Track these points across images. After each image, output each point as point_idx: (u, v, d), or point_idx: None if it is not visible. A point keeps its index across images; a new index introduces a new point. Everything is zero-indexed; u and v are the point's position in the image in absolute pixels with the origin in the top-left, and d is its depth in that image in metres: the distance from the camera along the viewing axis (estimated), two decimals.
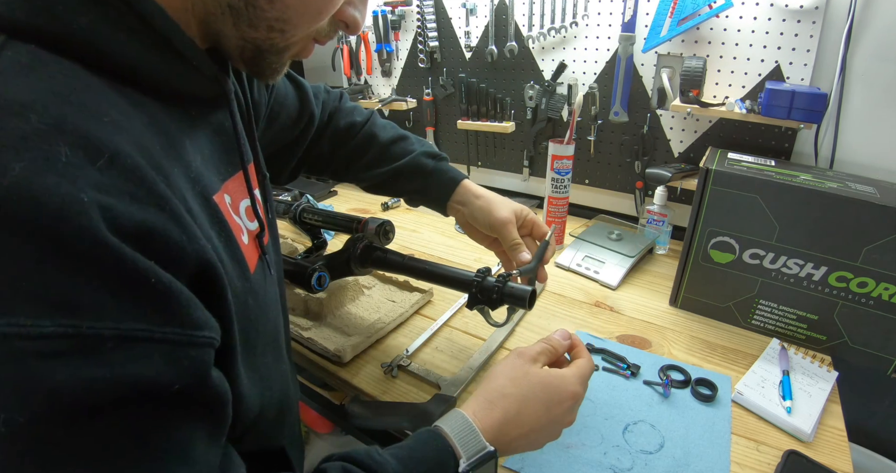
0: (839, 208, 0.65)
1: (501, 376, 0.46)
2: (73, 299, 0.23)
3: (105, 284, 0.24)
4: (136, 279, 0.25)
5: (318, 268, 0.70)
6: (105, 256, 0.24)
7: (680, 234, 0.95)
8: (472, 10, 1.17)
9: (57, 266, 0.23)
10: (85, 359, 0.23)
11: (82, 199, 0.23)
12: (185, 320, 0.28)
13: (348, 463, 0.37)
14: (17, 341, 0.22)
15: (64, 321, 0.23)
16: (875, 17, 0.79)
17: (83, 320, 0.23)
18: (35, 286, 0.22)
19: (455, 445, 0.40)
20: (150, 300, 0.26)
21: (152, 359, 0.26)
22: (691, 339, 0.77)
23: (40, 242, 0.22)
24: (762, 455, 0.57)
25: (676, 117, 1.02)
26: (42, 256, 0.23)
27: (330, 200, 1.39)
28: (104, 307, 0.24)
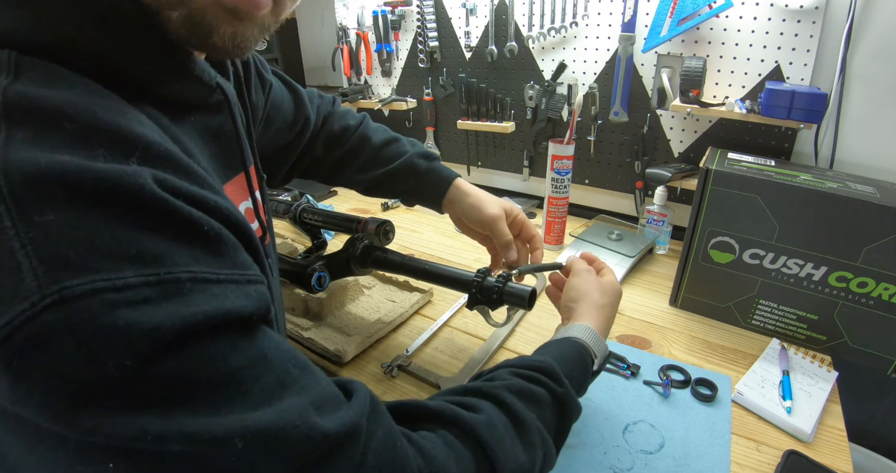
0: (839, 208, 0.65)
1: (594, 289, 0.58)
2: (146, 250, 0.25)
3: (169, 234, 0.27)
4: (194, 229, 0.28)
5: (318, 268, 0.70)
6: (165, 209, 0.27)
7: (680, 234, 0.95)
8: (472, 10, 1.17)
9: (125, 224, 0.25)
10: (171, 301, 0.25)
11: (133, 169, 0.26)
12: (236, 262, 0.30)
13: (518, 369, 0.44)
14: (107, 293, 0.23)
15: (143, 271, 0.25)
16: (875, 17, 0.79)
17: (159, 267, 0.25)
18: (110, 245, 0.24)
19: (591, 347, 0.51)
20: (207, 246, 0.28)
21: (228, 295, 0.28)
22: (691, 339, 0.77)
23: (107, 205, 0.25)
24: (762, 455, 0.57)
25: (676, 117, 1.02)
26: (110, 217, 0.25)
27: (330, 200, 1.39)
28: (173, 255, 0.26)
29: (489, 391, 0.40)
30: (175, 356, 0.25)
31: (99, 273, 0.24)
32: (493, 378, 0.43)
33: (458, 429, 0.36)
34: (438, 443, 0.35)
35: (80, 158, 0.25)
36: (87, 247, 0.24)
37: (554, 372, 0.44)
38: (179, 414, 0.24)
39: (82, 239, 0.24)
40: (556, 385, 0.44)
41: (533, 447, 0.39)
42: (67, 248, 0.23)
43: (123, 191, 0.25)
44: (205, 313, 0.26)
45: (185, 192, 0.28)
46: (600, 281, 0.59)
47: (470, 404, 0.39)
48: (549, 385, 0.43)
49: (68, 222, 0.24)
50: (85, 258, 0.24)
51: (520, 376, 0.43)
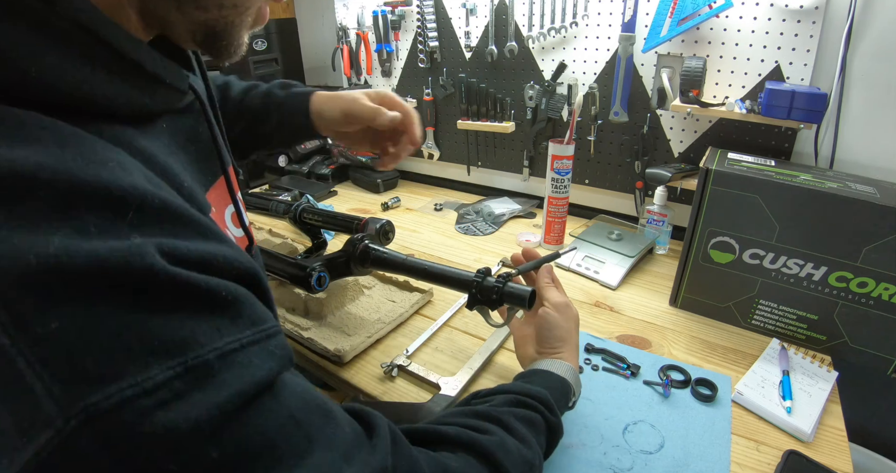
0: (839, 208, 0.65)
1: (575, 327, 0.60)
2: (168, 338, 0.24)
3: (189, 311, 0.25)
4: (212, 299, 0.26)
5: (318, 268, 0.70)
6: (180, 286, 0.25)
7: (680, 234, 0.95)
8: (472, 10, 1.17)
9: (140, 313, 0.23)
10: (203, 389, 0.24)
11: (135, 245, 0.23)
12: (254, 318, 0.29)
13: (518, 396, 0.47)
14: (138, 401, 0.22)
15: (169, 362, 0.23)
16: (875, 17, 0.79)
17: (185, 353, 0.24)
18: (129, 342, 0.22)
19: (573, 387, 0.54)
20: (226, 312, 0.27)
21: (253, 360, 0.27)
22: (691, 339, 0.77)
23: (116, 295, 0.22)
24: (762, 455, 0.57)
25: (676, 117, 1.02)
26: (123, 309, 0.23)
27: (330, 200, 1.39)
28: (196, 335, 0.25)
29: (498, 416, 0.44)
30: (215, 443, 0.24)
31: (123, 379, 0.21)
32: (493, 403, 0.47)
33: (476, 452, 0.39)
34: (461, 463, 0.37)
35: (72, 239, 0.22)
36: (103, 351, 0.22)
37: (548, 403, 0.48)
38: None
39: (96, 343, 0.21)
40: (550, 415, 0.48)
41: (532, 468, 0.42)
42: (82, 357, 0.21)
43: (131, 275, 0.23)
44: (238, 392, 0.25)
45: (194, 257, 0.26)
46: (574, 316, 0.61)
47: (482, 428, 0.41)
48: (544, 414, 0.47)
49: (76, 325, 0.21)
50: (104, 365, 0.21)
51: (520, 403, 0.47)
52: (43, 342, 0.20)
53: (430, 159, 1.42)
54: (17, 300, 0.20)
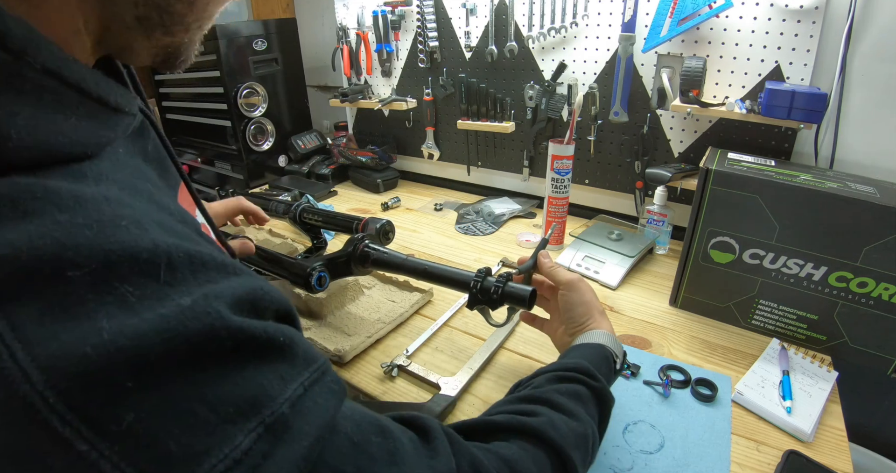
0: (839, 208, 0.65)
1: (594, 297, 0.61)
2: (241, 399, 0.23)
3: (255, 363, 0.24)
4: (271, 346, 0.26)
5: (318, 268, 0.70)
6: (242, 338, 0.24)
7: (680, 234, 0.95)
8: (472, 10, 1.17)
9: (212, 379, 0.22)
10: (285, 443, 0.24)
11: (186, 307, 0.22)
12: (307, 357, 0.28)
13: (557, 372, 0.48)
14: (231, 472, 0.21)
15: (249, 426, 0.23)
16: (875, 17, 0.79)
17: (261, 412, 0.23)
18: (208, 415, 0.21)
19: (612, 349, 0.55)
20: (284, 357, 0.26)
21: (318, 401, 0.27)
22: (691, 339, 0.77)
23: (186, 366, 0.21)
24: (762, 455, 0.57)
25: (676, 117, 1.02)
26: (195, 379, 0.22)
27: (330, 200, 1.39)
28: (265, 388, 0.24)
29: (541, 396, 0.45)
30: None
31: (210, 455, 0.21)
32: (536, 385, 0.48)
33: (528, 435, 0.40)
34: (515, 449, 0.38)
35: (119, 317, 0.20)
36: (186, 431, 0.21)
37: (589, 371, 0.49)
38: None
39: (176, 424, 0.20)
40: (593, 381, 0.48)
41: (586, 438, 0.43)
42: (166, 443, 0.20)
43: (195, 341, 0.22)
44: (315, 439, 0.25)
45: (242, 297, 0.25)
46: (588, 286, 0.62)
47: (528, 410, 0.42)
48: (587, 382, 0.48)
49: (152, 412, 0.20)
50: (189, 445, 0.20)
51: (560, 379, 0.48)
52: (123, 438, 0.19)
53: (430, 159, 1.42)
54: (85, 401, 0.19)
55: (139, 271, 0.22)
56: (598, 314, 0.60)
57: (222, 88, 1.37)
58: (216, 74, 1.36)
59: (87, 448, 0.19)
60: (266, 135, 1.49)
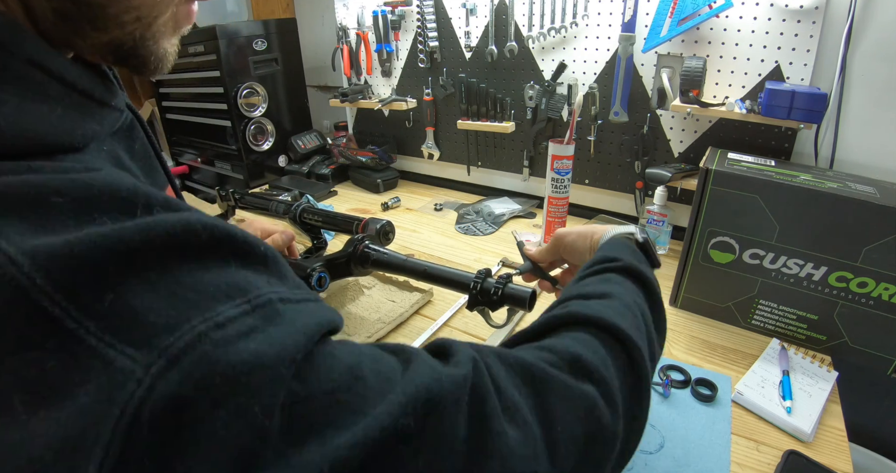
0: (839, 208, 0.65)
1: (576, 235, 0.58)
2: (224, 284, 0.24)
3: (237, 263, 0.25)
4: (253, 252, 0.26)
5: (319, 268, 0.70)
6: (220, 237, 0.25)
7: (680, 234, 0.95)
8: (472, 10, 1.17)
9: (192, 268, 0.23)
10: (277, 324, 0.24)
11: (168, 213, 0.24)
12: (297, 283, 0.28)
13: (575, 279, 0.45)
14: (214, 332, 0.21)
15: (235, 302, 0.23)
16: (875, 17, 0.79)
17: (247, 294, 0.24)
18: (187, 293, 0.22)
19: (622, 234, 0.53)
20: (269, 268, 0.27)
21: (310, 308, 0.27)
22: (691, 339, 0.77)
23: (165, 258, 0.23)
24: (762, 455, 0.57)
25: (676, 117, 1.02)
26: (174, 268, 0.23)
27: (330, 200, 1.39)
28: (251, 281, 0.25)
29: (566, 295, 0.42)
30: (312, 373, 0.24)
31: (191, 320, 0.21)
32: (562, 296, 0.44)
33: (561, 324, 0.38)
34: (567, 339, 0.35)
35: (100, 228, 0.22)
36: (166, 305, 0.21)
37: (604, 258, 0.46)
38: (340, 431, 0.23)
39: (156, 301, 0.21)
40: (613, 263, 0.45)
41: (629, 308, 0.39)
42: (146, 316, 0.21)
43: (173, 233, 0.23)
44: (317, 323, 0.25)
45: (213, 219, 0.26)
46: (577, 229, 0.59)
47: (556, 310, 0.40)
48: (608, 267, 0.45)
49: (133, 293, 0.21)
50: (170, 315, 0.21)
51: (582, 278, 0.45)
52: (106, 314, 0.20)
53: (430, 159, 1.42)
54: (70, 282, 0.20)
55: (117, 207, 0.23)
56: (595, 232, 0.56)
57: (222, 88, 1.37)
58: (216, 74, 1.36)
59: (75, 326, 0.20)
60: (266, 135, 1.49)
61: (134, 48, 0.32)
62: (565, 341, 0.35)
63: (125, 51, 0.31)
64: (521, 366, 0.32)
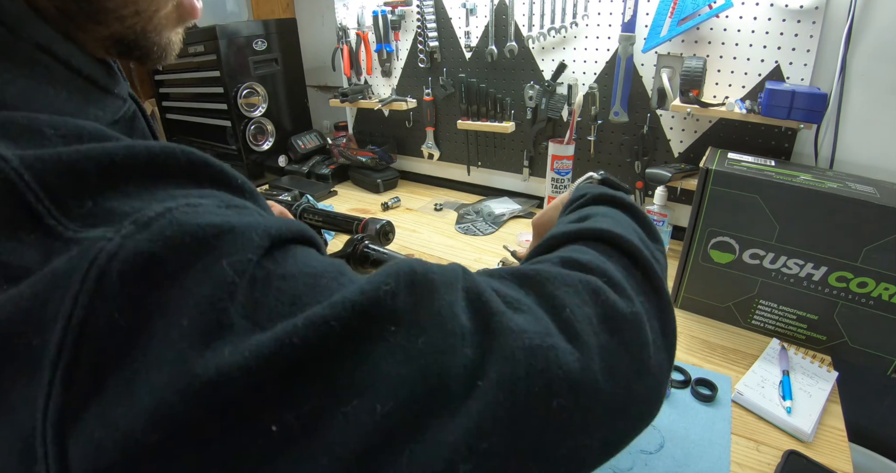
0: (839, 208, 0.65)
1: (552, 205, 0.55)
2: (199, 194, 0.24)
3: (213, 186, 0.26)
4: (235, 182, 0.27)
5: None
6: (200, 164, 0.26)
7: (680, 234, 0.95)
8: (472, 10, 1.17)
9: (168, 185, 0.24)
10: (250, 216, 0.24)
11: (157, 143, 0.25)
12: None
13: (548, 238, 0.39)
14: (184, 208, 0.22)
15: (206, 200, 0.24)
16: (875, 17, 0.79)
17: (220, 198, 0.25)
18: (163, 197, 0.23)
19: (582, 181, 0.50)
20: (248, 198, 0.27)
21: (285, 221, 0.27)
22: (691, 339, 0.77)
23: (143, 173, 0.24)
24: (762, 455, 0.57)
25: (676, 117, 1.02)
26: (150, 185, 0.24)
27: (330, 200, 1.39)
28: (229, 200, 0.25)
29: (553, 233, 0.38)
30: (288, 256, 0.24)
31: (164, 203, 0.22)
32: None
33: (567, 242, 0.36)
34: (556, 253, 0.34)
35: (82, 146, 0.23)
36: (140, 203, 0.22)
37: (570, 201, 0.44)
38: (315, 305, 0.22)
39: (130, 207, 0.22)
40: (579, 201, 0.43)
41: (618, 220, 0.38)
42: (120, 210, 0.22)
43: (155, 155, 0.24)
44: (286, 225, 0.25)
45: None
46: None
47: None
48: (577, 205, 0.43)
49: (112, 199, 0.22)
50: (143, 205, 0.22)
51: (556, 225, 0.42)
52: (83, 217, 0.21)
53: (430, 159, 1.42)
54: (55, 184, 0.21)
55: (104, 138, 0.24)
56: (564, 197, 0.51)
57: (222, 88, 1.37)
58: (216, 74, 1.36)
59: (54, 223, 0.21)
60: (266, 135, 1.49)
61: (136, 41, 0.32)
62: (554, 254, 0.34)
63: (127, 43, 0.32)
64: (512, 273, 0.31)
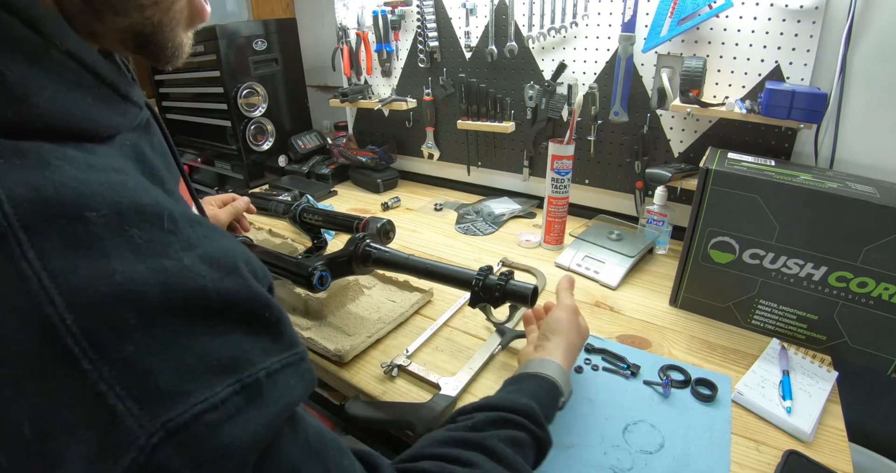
0: (839, 208, 0.65)
1: (574, 330, 0.59)
2: (225, 357, 0.26)
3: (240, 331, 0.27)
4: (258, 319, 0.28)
5: (320, 268, 0.71)
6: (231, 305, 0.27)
7: (680, 234, 0.95)
8: (472, 10, 1.17)
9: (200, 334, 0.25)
10: (256, 404, 0.26)
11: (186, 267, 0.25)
12: (291, 340, 0.30)
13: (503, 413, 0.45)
14: (207, 415, 0.24)
15: (228, 380, 0.25)
16: (875, 17, 0.79)
17: (240, 372, 0.26)
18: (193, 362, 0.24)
19: (562, 387, 0.53)
20: (269, 333, 0.29)
21: (290, 382, 0.29)
22: (691, 339, 0.77)
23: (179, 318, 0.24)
24: (762, 455, 0.57)
25: (676, 117, 1.02)
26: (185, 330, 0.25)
27: (330, 200, 1.39)
28: (247, 354, 0.27)
29: (480, 442, 0.42)
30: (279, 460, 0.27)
31: (191, 396, 0.24)
32: (476, 425, 0.44)
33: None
34: None
35: (130, 260, 0.24)
36: (173, 372, 0.24)
37: (537, 418, 0.47)
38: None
39: (166, 364, 0.23)
40: (538, 431, 0.46)
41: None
42: (156, 379, 0.23)
43: (190, 296, 0.25)
44: (280, 410, 0.27)
45: (229, 264, 0.27)
46: (580, 324, 0.61)
47: (464, 459, 0.39)
48: (533, 431, 0.46)
49: (148, 350, 0.23)
50: (175, 385, 0.23)
51: (505, 422, 0.45)
52: (120, 366, 0.22)
53: (430, 159, 1.42)
54: (96, 327, 0.22)
55: (145, 219, 0.25)
56: (565, 343, 0.58)
57: (222, 88, 1.37)
58: (216, 74, 1.36)
59: (91, 368, 0.22)
60: (266, 135, 1.49)
61: (153, 34, 0.33)
62: None
63: (144, 37, 0.33)
64: None
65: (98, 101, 0.30)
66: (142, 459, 0.22)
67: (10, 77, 0.25)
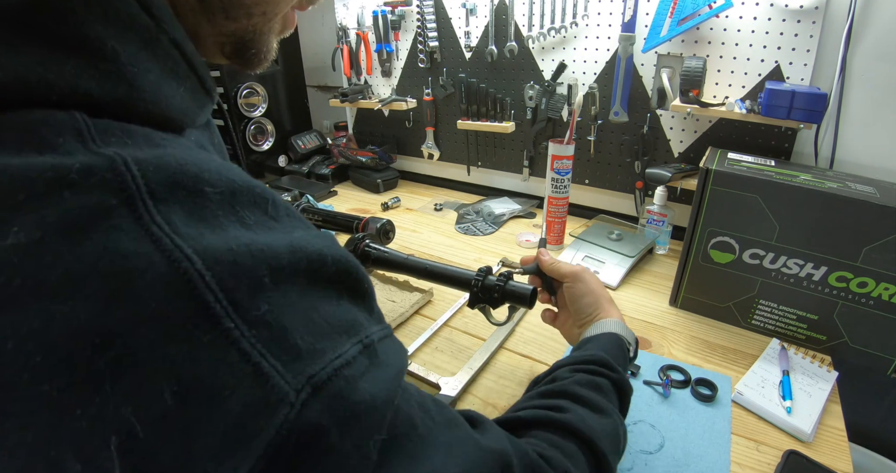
0: (839, 208, 0.65)
1: (600, 286, 0.61)
2: (343, 319, 0.26)
3: (350, 298, 0.28)
4: (361, 288, 0.29)
5: None
6: (343, 272, 0.27)
7: (680, 234, 0.95)
8: (472, 10, 1.17)
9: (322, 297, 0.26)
10: (378, 367, 0.27)
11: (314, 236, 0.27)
12: (380, 316, 0.31)
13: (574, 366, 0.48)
14: (344, 370, 0.24)
15: (353, 340, 0.26)
16: (875, 17, 0.79)
17: (359, 333, 0.27)
18: (320, 322, 0.25)
19: (625, 337, 0.55)
20: (367, 304, 0.30)
21: (395, 349, 0.30)
22: (691, 339, 0.77)
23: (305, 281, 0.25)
24: (762, 455, 0.57)
25: (676, 117, 1.02)
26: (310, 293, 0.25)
27: (330, 200, 1.39)
28: (358, 318, 0.28)
29: (563, 389, 0.44)
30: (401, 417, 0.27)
31: (326, 353, 0.24)
32: (556, 379, 0.47)
33: (557, 429, 0.40)
34: (545, 446, 0.38)
35: (246, 234, 0.24)
36: (306, 330, 0.24)
37: (607, 362, 0.49)
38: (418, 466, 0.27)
39: (299, 324, 0.24)
40: (612, 373, 0.48)
41: (616, 429, 0.43)
42: (293, 336, 0.23)
43: (312, 260, 0.25)
44: (398, 371, 0.28)
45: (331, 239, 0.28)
46: (592, 276, 0.62)
47: (553, 405, 0.42)
48: (607, 374, 0.48)
49: (282, 309, 0.23)
50: (310, 343, 0.24)
51: (581, 371, 0.48)
52: (258, 324, 0.22)
53: (430, 159, 1.42)
54: (233, 285, 0.22)
55: (254, 202, 0.26)
56: (606, 303, 0.59)
57: (222, 88, 1.37)
58: (216, 73, 1.36)
59: (232, 326, 0.21)
60: (266, 135, 1.49)
61: (252, 41, 0.35)
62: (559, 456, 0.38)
63: (244, 43, 0.34)
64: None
65: (187, 92, 0.30)
66: (292, 416, 0.22)
67: (123, 57, 0.25)
